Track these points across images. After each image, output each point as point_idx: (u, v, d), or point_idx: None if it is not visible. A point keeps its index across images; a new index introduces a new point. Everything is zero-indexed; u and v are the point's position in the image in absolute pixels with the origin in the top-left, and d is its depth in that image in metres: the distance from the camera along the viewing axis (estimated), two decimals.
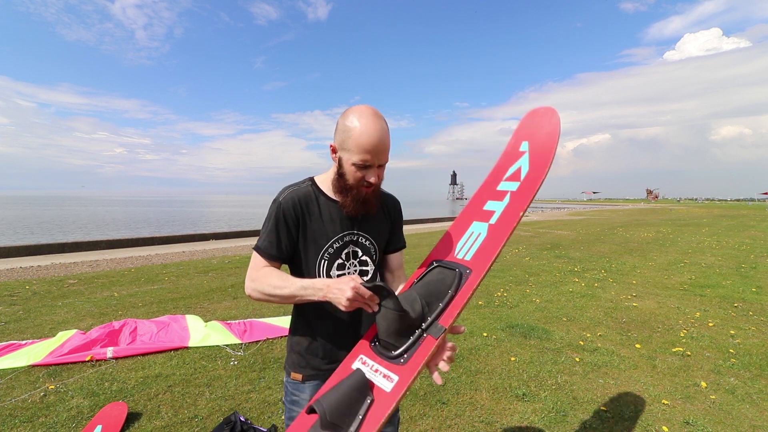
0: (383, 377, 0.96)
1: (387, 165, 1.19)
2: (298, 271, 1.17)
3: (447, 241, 1.21)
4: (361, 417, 0.90)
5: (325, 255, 1.14)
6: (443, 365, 0.98)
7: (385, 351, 1.01)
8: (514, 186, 1.17)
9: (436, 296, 1.03)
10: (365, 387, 0.95)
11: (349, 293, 0.95)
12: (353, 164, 1.07)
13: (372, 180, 1.09)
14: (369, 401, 0.92)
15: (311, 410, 0.92)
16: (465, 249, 1.13)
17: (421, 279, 1.11)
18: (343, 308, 0.98)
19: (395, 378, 0.94)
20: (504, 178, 1.22)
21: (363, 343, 1.09)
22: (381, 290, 0.98)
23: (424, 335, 0.98)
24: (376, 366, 0.99)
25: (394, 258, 1.31)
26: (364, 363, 1.02)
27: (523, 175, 1.16)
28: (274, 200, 1.15)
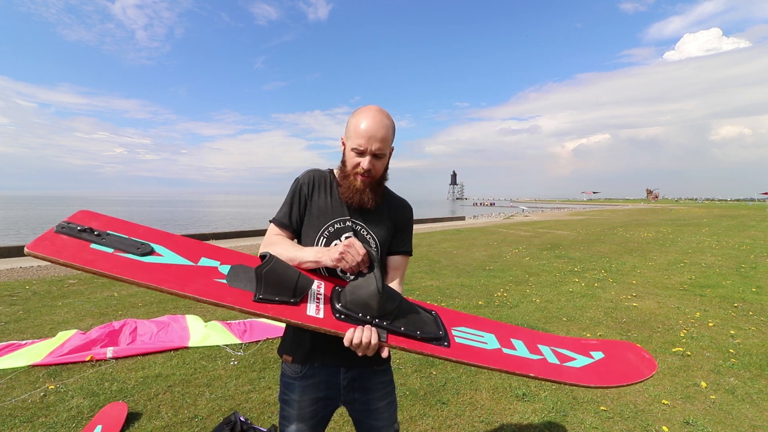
0: (315, 306, 1.01)
1: (389, 164, 1.23)
2: (307, 242, 1.23)
3: (457, 316, 1.21)
4: (275, 299, 0.96)
5: (325, 233, 1.19)
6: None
7: (336, 299, 1.04)
8: (552, 358, 1.13)
9: (408, 321, 1.04)
10: (303, 291, 0.99)
11: (346, 242, 1.06)
12: (351, 149, 1.15)
13: (365, 166, 1.14)
14: (292, 300, 0.97)
15: (263, 256, 0.99)
16: (463, 334, 1.12)
17: (412, 304, 1.12)
18: (332, 262, 1.05)
19: (321, 315, 0.99)
20: (552, 347, 1.20)
21: (332, 281, 1.14)
22: (374, 259, 1.03)
23: (369, 325, 1.00)
24: (321, 297, 1.05)
25: (393, 260, 1.28)
26: (318, 287, 1.08)
27: (569, 363, 1.11)
28: (295, 179, 1.26)
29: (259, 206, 73.17)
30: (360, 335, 0.95)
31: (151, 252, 0.95)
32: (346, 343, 0.96)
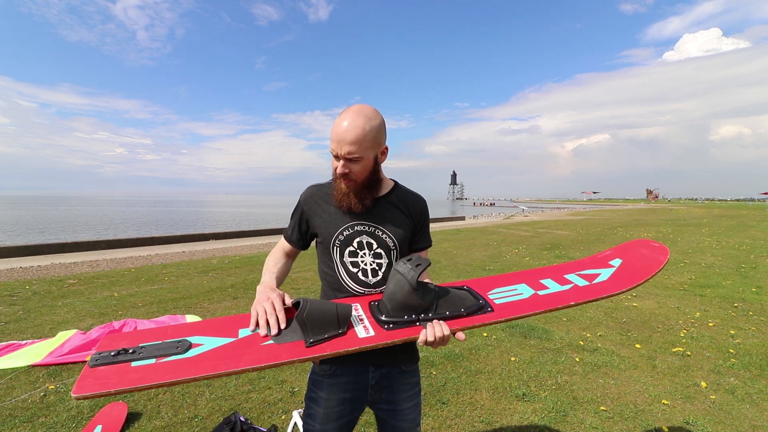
0: (363, 327, 1.03)
1: (388, 164, 1.23)
2: (323, 256, 1.24)
3: (487, 281, 1.25)
4: (325, 336, 0.98)
5: (336, 242, 1.19)
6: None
7: (377, 312, 1.06)
8: (581, 282, 1.21)
9: (450, 304, 1.07)
10: (346, 319, 1.01)
11: (256, 303, 1.04)
12: (331, 152, 1.15)
13: (338, 171, 1.13)
14: (340, 331, 1.00)
15: (296, 303, 1.02)
16: (500, 295, 1.16)
17: (445, 287, 1.14)
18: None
19: (372, 332, 1.01)
20: (577, 272, 1.26)
21: (364, 299, 1.16)
22: (421, 261, 1.05)
23: (417, 323, 1.03)
24: (363, 317, 1.07)
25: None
26: (356, 310, 1.09)
27: (596, 281, 1.21)
28: (299, 197, 1.28)
29: (259, 206, 73.16)
30: (433, 332, 0.98)
31: (191, 346, 0.95)
32: (421, 344, 0.99)
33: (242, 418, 2.24)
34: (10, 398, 2.54)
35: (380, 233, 1.19)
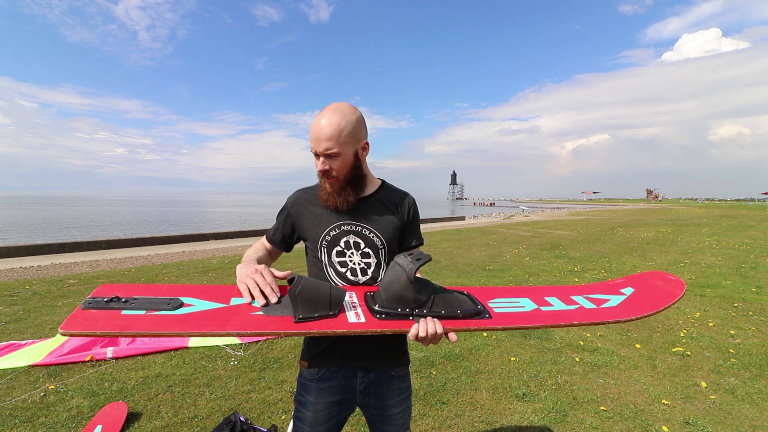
0: (354, 313, 1.03)
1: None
2: (313, 258, 1.24)
3: (490, 291, 1.25)
4: (315, 315, 0.98)
5: (323, 243, 1.19)
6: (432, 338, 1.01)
7: (371, 302, 1.06)
8: (588, 305, 1.19)
9: (446, 304, 1.06)
10: (338, 302, 1.01)
11: (244, 276, 1.03)
12: (311, 152, 1.16)
13: (318, 168, 1.14)
14: (331, 313, 0.99)
15: (290, 279, 1.01)
16: (500, 305, 1.16)
17: (444, 288, 1.14)
18: (244, 297, 1.03)
19: (363, 319, 1.00)
20: (585, 295, 1.25)
21: (360, 288, 1.16)
22: (422, 256, 1.05)
23: (410, 318, 1.02)
24: (357, 304, 1.06)
25: None
26: (350, 297, 1.09)
27: (603, 305, 1.19)
28: (286, 200, 1.28)
29: (259, 206, 73.18)
30: (425, 327, 0.97)
31: (182, 305, 0.99)
32: (411, 338, 0.98)
33: (242, 418, 2.24)
34: (10, 398, 2.54)
35: (367, 232, 1.19)
